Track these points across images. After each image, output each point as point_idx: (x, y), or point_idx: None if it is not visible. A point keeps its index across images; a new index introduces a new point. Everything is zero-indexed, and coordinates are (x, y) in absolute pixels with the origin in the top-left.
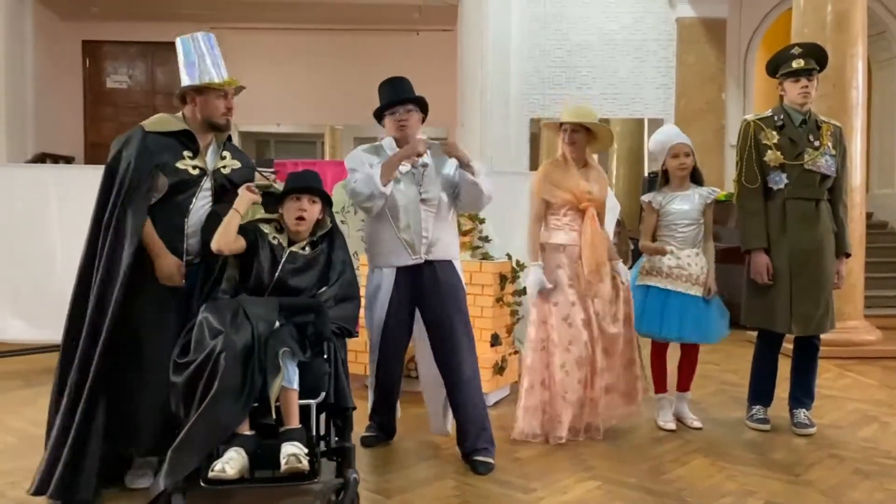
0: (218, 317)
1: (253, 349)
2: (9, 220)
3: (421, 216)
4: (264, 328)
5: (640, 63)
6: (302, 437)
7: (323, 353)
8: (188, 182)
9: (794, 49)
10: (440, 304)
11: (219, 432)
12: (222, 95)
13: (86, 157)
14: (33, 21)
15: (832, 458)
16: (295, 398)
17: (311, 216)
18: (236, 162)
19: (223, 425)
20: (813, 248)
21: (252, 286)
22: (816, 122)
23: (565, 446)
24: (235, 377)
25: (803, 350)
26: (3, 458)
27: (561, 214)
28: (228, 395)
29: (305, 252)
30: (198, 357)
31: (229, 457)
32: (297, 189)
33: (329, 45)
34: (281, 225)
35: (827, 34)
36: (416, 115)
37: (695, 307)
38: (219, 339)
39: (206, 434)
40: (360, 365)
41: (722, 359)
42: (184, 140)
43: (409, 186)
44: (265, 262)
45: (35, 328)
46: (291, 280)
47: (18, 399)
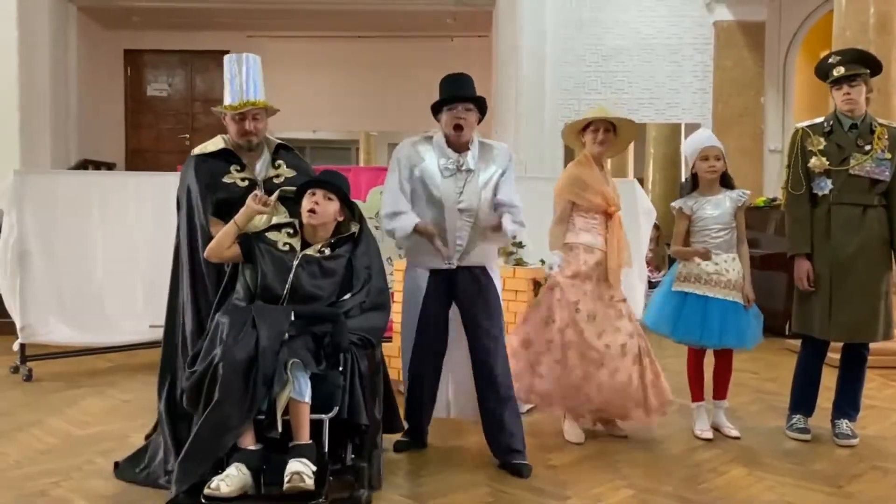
0: (228, 325)
1: (256, 359)
2: (53, 225)
3: (457, 224)
4: (271, 337)
5: (676, 67)
6: (311, 453)
7: (339, 366)
8: (239, 193)
9: (832, 58)
10: (472, 308)
11: (220, 443)
12: (239, 118)
13: (126, 163)
14: (77, 31)
15: (875, 470)
16: (305, 412)
17: (323, 211)
18: (291, 171)
19: (223, 436)
20: (855, 254)
21: (261, 294)
22: (871, 125)
23: (600, 454)
24: (235, 388)
25: (849, 359)
26: (46, 458)
27: (590, 217)
28: (228, 405)
29: (321, 255)
30: (203, 365)
31: (227, 473)
32: (311, 183)
33: (364, 53)
34: (296, 228)
35: (869, 36)
36: (474, 116)
37: (734, 313)
38: (219, 349)
39: (208, 444)
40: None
41: (761, 367)
42: (227, 157)
43: (449, 192)
44: (270, 269)
45: (77, 331)
46: (308, 286)
47: (61, 401)
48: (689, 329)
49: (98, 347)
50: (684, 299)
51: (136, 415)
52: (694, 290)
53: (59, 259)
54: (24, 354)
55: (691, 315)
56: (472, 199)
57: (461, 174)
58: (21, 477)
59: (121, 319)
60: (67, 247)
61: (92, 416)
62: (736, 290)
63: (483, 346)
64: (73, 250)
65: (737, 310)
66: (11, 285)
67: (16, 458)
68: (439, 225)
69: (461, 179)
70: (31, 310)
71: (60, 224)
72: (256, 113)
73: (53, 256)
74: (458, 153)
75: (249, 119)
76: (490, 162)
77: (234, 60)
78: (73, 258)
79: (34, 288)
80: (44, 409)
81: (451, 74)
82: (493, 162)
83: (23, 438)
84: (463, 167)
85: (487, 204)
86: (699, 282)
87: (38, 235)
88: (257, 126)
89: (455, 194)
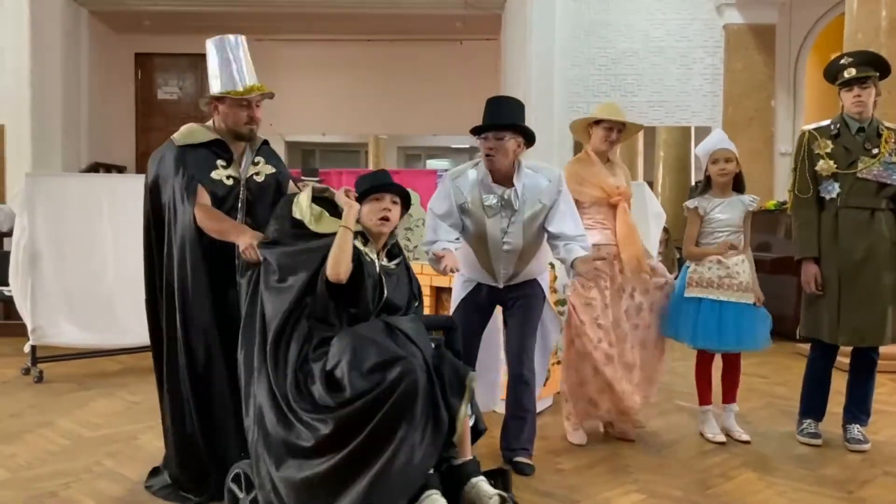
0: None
1: (431, 375)
2: (64, 227)
3: (502, 259)
4: (429, 350)
5: (686, 70)
6: (479, 469)
7: None
8: (223, 192)
9: (843, 59)
10: (517, 314)
11: (413, 485)
12: (244, 105)
13: (137, 166)
14: (88, 34)
15: (887, 475)
16: (469, 426)
17: (394, 217)
18: (270, 167)
19: (419, 475)
20: (864, 258)
21: (359, 310)
22: (878, 129)
23: (609, 458)
24: (426, 412)
25: (859, 363)
26: (56, 459)
27: (593, 212)
28: (419, 437)
29: (392, 265)
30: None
31: (439, 502)
32: (380, 187)
33: (373, 56)
34: (366, 237)
35: (881, 39)
36: (510, 144)
37: (749, 315)
38: (400, 366)
39: (398, 488)
40: None
41: (770, 371)
42: (216, 150)
43: (493, 230)
44: (371, 282)
45: (87, 333)
46: (394, 298)
47: (71, 402)
48: (708, 335)
49: (108, 349)
50: (698, 305)
51: (146, 417)
52: (707, 296)
53: (69, 261)
54: (34, 356)
55: (708, 321)
56: (517, 240)
57: (506, 212)
58: (31, 478)
59: (131, 321)
60: (78, 249)
61: (102, 418)
62: (748, 291)
63: (517, 344)
64: (84, 253)
65: (751, 312)
66: (23, 287)
67: (26, 459)
68: (485, 257)
69: (506, 218)
70: (42, 312)
71: (71, 227)
72: (259, 99)
73: (64, 259)
74: (503, 186)
75: (254, 105)
76: (537, 197)
77: (225, 43)
78: (83, 260)
79: (45, 290)
80: (54, 410)
81: (493, 98)
82: (539, 197)
83: (33, 440)
84: (507, 205)
85: (534, 239)
86: (711, 286)
87: (49, 238)
88: (259, 113)
89: (500, 233)
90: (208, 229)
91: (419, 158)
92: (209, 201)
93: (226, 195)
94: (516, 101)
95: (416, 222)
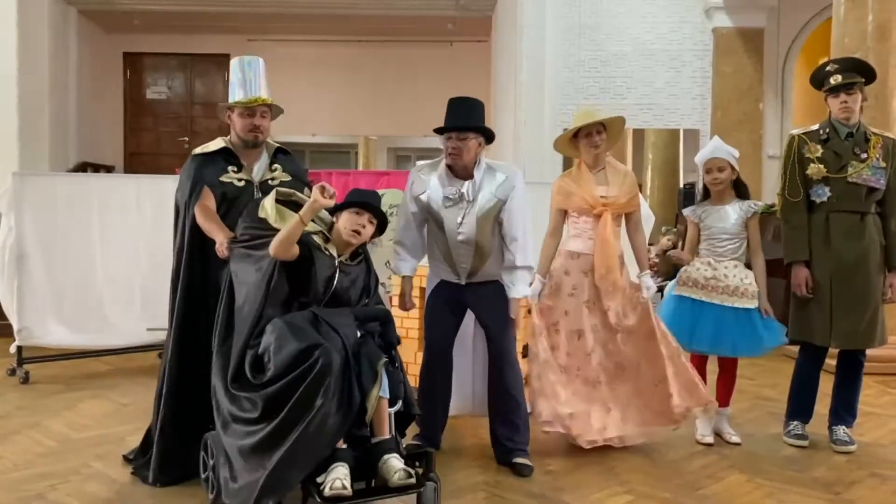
0: (301, 331)
1: (348, 361)
2: (52, 227)
3: (460, 252)
4: (352, 339)
5: (675, 73)
6: (397, 447)
7: (395, 362)
8: (236, 193)
9: (829, 66)
10: (482, 316)
11: (325, 448)
12: (248, 114)
13: (125, 166)
14: (77, 34)
15: (874, 477)
16: (387, 407)
17: (366, 234)
18: (286, 175)
19: (330, 441)
20: (857, 261)
21: (309, 299)
22: (865, 134)
23: (599, 459)
24: (336, 391)
25: (846, 365)
26: (44, 461)
27: (581, 222)
28: (332, 410)
29: (352, 263)
30: (292, 371)
31: (342, 473)
32: (363, 204)
33: (364, 57)
34: (327, 235)
35: (868, 44)
36: (472, 143)
37: (733, 319)
38: (319, 353)
39: (312, 451)
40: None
41: (758, 373)
42: (226, 157)
43: (450, 222)
44: (322, 274)
45: (75, 334)
46: (346, 292)
47: (59, 403)
48: (680, 332)
49: (96, 350)
50: (679, 303)
51: (135, 418)
52: (690, 295)
53: (57, 262)
54: (21, 357)
55: (682, 318)
56: (471, 231)
57: (462, 204)
58: (18, 480)
59: (119, 322)
60: (66, 249)
61: (90, 419)
62: (736, 295)
63: (494, 349)
64: (72, 253)
65: (737, 316)
66: (9, 288)
67: (13, 461)
68: (445, 249)
69: (462, 210)
70: (29, 312)
71: (59, 227)
72: (264, 110)
73: (52, 259)
74: (461, 179)
75: (258, 115)
76: (491, 191)
77: (242, 62)
78: (71, 261)
79: (32, 290)
80: (41, 411)
81: (454, 99)
82: (494, 191)
83: (20, 441)
84: (464, 197)
85: (488, 234)
86: (696, 286)
87: (36, 238)
88: (264, 123)
89: (455, 224)
90: (201, 225)
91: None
92: (213, 203)
93: (238, 196)
94: (477, 102)
95: None
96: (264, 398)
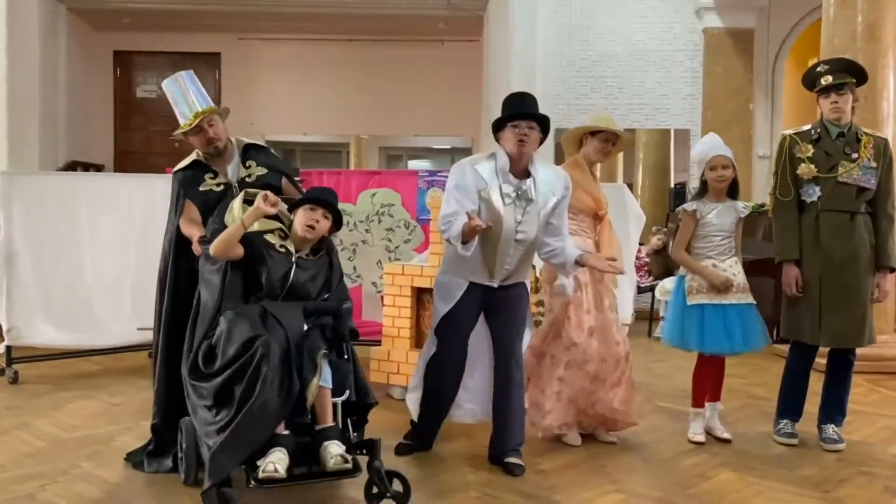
0: (247, 323)
1: (289, 352)
2: (41, 226)
3: (510, 251)
4: (296, 331)
5: (666, 74)
6: (339, 434)
7: (344, 354)
8: (217, 198)
9: (820, 66)
10: (500, 317)
11: (263, 433)
12: (195, 131)
13: (115, 165)
14: (67, 31)
15: (862, 475)
16: (329, 397)
17: (320, 229)
18: (262, 168)
19: (267, 427)
20: (846, 260)
21: (264, 294)
22: (856, 134)
23: (590, 458)
24: (276, 379)
25: (836, 364)
26: (33, 461)
27: (580, 220)
28: (272, 396)
29: (312, 258)
30: (236, 361)
31: (277, 457)
32: (316, 200)
33: (355, 56)
34: (286, 232)
35: (858, 44)
36: (536, 134)
37: (750, 314)
38: (259, 343)
39: (250, 435)
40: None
41: (749, 372)
42: (201, 168)
43: (508, 219)
44: (276, 271)
45: (65, 334)
46: (303, 286)
47: (48, 403)
48: (717, 339)
49: (86, 350)
50: (702, 311)
51: (125, 418)
52: (710, 301)
53: (46, 261)
54: (10, 357)
55: (715, 326)
56: (531, 230)
57: (521, 202)
58: (6, 480)
59: (109, 322)
60: (55, 249)
61: (79, 420)
62: (746, 291)
63: (505, 349)
64: (62, 252)
65: (751, 311)
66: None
67: (1, 462)
68: (492, 249)
69: (521, 208)
70: (18, 312)
71: (48, 226)
72: (209, 119)
73: (41, 258)
74: (518, 179)
75: (206, 127)
76: (550, 189)
77: (171, 83)
78: (61, 260)
79: (21, 290)
80: (30, 412)
81: (515, 93)
82: (552, 189)
83: (9, 441)
84: (524, 195)
85: (542, 230)
86: (713, 291)
87: (25, 237)
88: (216, 131)
89: (514, 223)
90: (185, 234)
91: (401, 159)
92: (196, 213)
93: (220, 200)
94: (534, 97)
95: (396, 223)
96: (213, 387)
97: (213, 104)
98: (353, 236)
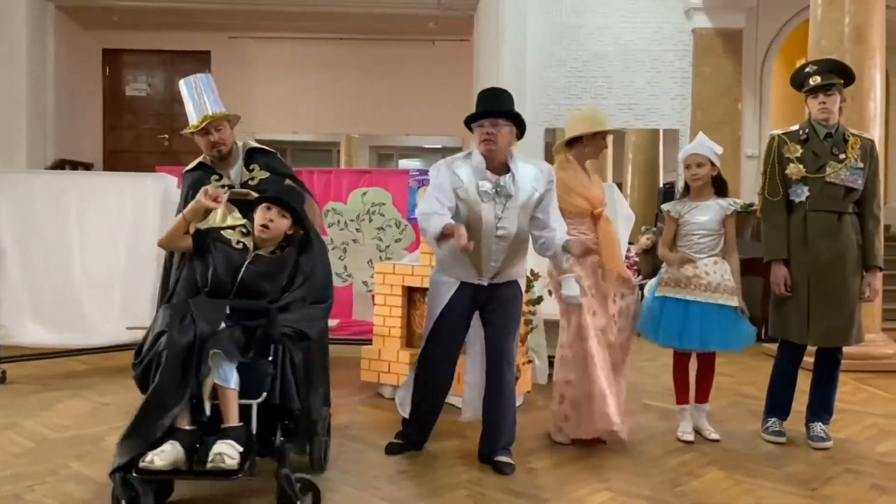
0: (169, 318)
1: (192, 349)
2: (29, 225)
3: (493, 248)
4: (207, 329)
5: (656, 74)
6: (240, 435)
7: (268, 356)
8: None
9: (808, 67)
10: (494, 316)
11: (158, 423)
12: (202, 134)
13: (104, 164)
14: (55, 30)
15: (849, 472)
16: (232, 397)
17: (275, 228)
18: (265, 172)
19: (162, 417)
20: (834, 260)
21: (211, 288)
22: (844, 135)
23: (579, 457)
24: (174, 374)
25: (824, 363)
26: (21, 461)
27: (576, 222)
28: (166, 390)
29: (271, 255)
30: (148, 354)
31: (162, 449)
32: (272, 199)
33: (346, 55)
34: (248, 229)
35: (845, 45)
36: (505, 130)
37: (718, 315)
38: (163, 338)
39: (147, 425)
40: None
41: (738, 371)
42: (207, 169)
43: (488, 216)
44: (221, 265)
45: (53, 333)
46: (256, 283)
47: (36, 403)
48: (669, 333)
49: (74, 349)
50: (663, 304)
51: (114, 418)
52: (674, 295)
53: (35, 260)
54: None
55: (671, 319)
56: (511, 226)
57: (500, 198)
58: None
59: (98, 321)
60: (44, 248)
61: (68, 419)
62: (719, 292)
63: (497, 349)
64: (50, 251)
65: (722, 312)
66: None
67: None
68: (476, 246)
69: (500, 204)
70: (6, 311)
71: (37, 224)
72: (217, 125)
73: (30, 257)
74: (497, 175)
75: (213, 132)
76: (531, 184)
77: (188, 83)
78: (49, 259)
79: (9, 289)
80: (18, 411)
81: (485, 90)
82: (533, 184)
83: None
84: (503, 191)
85: (525, 228)
86: (679, 286)
87: (13, 236)
88: (222, 136)
89: (494, 219)
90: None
91: (391, 158)
92: None
93: None
94: (507, 92)
95: (387, 222)
96: (135, 378)
97: (224, 110)
98: (344, 235)
